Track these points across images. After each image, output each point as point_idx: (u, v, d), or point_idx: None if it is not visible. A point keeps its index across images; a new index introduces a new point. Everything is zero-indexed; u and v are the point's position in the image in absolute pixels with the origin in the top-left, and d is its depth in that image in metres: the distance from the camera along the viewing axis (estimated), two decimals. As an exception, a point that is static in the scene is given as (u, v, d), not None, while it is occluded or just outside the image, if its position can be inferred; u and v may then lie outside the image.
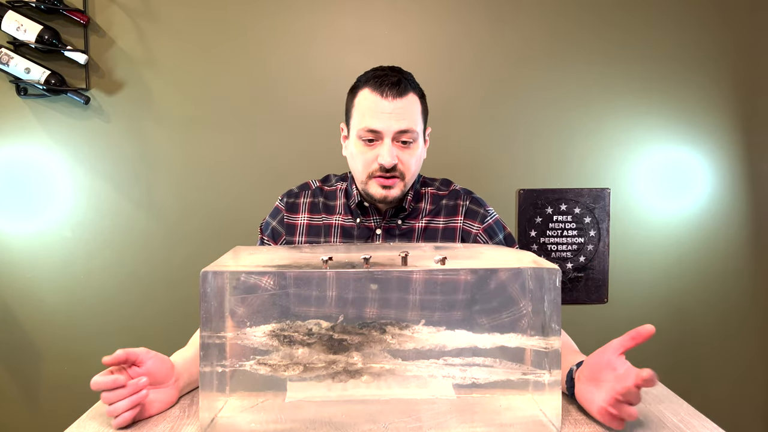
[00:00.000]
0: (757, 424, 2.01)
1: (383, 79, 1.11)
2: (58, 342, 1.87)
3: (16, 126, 1.82)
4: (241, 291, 0.84)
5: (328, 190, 1.26)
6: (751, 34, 1.92)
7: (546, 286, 0.79)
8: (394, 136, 1.10)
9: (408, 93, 1.11)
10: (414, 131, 1.11)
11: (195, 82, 1.85)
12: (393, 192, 1.12)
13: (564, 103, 1.91)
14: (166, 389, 0.89)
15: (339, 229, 1.21)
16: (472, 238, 1.19)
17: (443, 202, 1.22)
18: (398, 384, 0.81)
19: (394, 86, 1.09)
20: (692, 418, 0.84)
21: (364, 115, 1.11)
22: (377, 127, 1.09)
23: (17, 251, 1.84)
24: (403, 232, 1.19)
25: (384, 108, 1.09)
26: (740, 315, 1.98)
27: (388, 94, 1.09)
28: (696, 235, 1.96)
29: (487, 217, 1.21)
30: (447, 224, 1.20)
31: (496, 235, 1.21)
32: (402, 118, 1.09)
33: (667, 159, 1.94)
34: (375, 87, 1.10)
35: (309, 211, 1.23)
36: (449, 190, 1.24)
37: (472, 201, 1.22)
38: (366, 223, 1.20)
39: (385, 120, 1.09)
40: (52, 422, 1.87)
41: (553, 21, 1.90)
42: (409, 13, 1.88)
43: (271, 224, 1.25)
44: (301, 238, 1.22)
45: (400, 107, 1.09)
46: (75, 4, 1.79)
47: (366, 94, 1.12)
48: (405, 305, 0.83)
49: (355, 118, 1.14)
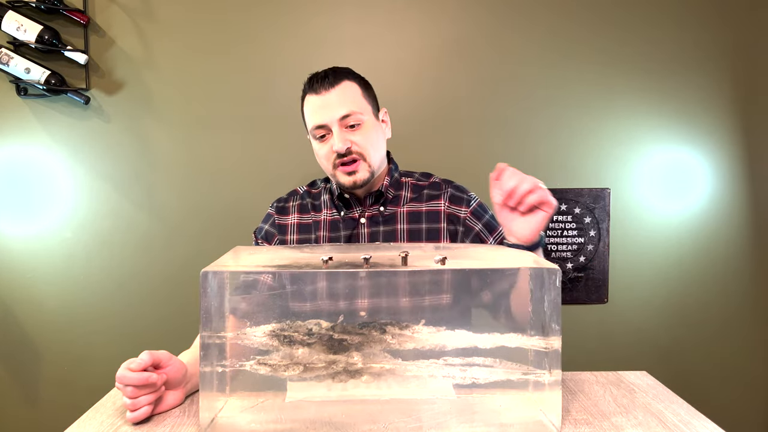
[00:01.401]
0: (758, 424, 2.01)
1: (313, 79, 1.20)
2: (58, 342, 1.87)
3: (16, 126, 1.82)
4: (241, 291, 0.84)
5: (314, 192, 1.34)
6: (751, 34, 1.92)
7: (546, 286, 0.79)
8: (340, 122, 1.16)
9: (340, 82, 1.18)
10: (356, 113, 1.17)
11: (195, 82, 1.85)
12: (359, 175, 1.18)
13: (564, 103, 1.91)
14: (177, 391, 0.92)
15: (327, 223, 1.27)
16: (462, 222, 1.24)
17: (425, 191, 1.28)
18: (398, 384, 0.81)
19: (323, 80, 1.18)
20: (692, 418, 0.84)
21: (309, 117, 1.20)
22: (319, 121, 1.17)
23: (17, 251, 1.85)
24: (386, 218, 1.25)
25: (321, 102, 1.17)
26: (740, 315, 1.98)
27: (319, 88, 1.18)
28: (696, 235, 1.96)
29: (471, 201, 1.27)
30: (430, 207, 1.25)
31: (483, 215, 1.26)
32: (340, 105, 1.16)
33: (668, 159, 1.94)
34: (309, 88, 1.20)
35: (298, 211, 1.31)
36: (429, 181, 1.30)
37: (454, 188, 1.28)
38: (350, 214, 1.26)
39: (324, 112, 1.17)
40: (52, 422, 1.87)
41: (553, 21, 1.90)
42: (408, 14, 1.88)
43: (264, 228, 1.32)
44: (293, 236, 1.28)
45: (333, 96, 1.17)
46: (75, 4, 1.79)
47: (307, 99, 1.21)
48: (405, 305, 0.83)
49: (307, 123, 1.23)
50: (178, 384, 0.92)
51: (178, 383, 0.91)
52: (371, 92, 1.25)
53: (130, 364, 0.84)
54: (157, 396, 0.86)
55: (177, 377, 0.90)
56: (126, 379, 0.83)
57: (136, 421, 0.84)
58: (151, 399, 0.85)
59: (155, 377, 0.84)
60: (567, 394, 0.92)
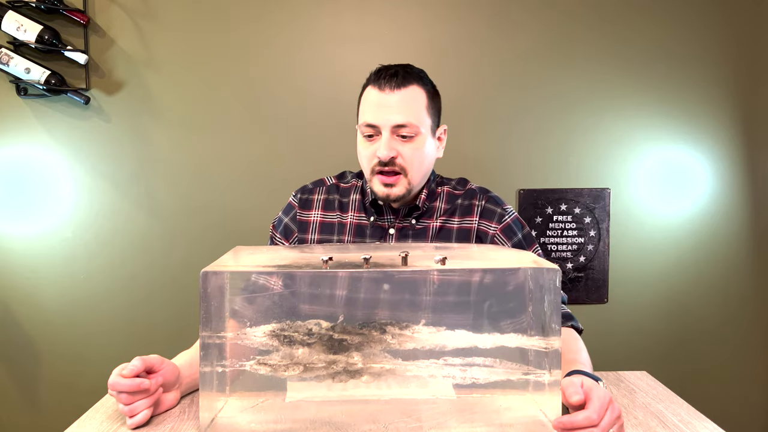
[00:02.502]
0: (757, 425, 2.01)
1: (382, 72, 1.09)
2: (58, 342, 1.87)
3: (16, 126, 1.82)
4: (241, 291, 0.84)
5: (343, 187, 1.22)
6: (751, 34, 1.92)
7: (546, 286, 0.78)
8: (393, 129, 1.06)
9: (409, 85, 1.08)
10: (413, 125, 1.07)
11: (195, 82, 1.85)
12: (395, 190, 1.09)
13: (564, 103, 1.91)
14: (171, 393, 0.92)
15: (353, 227, 1.17)
16: (489, 239, 1.15)
17: (458, 201, 1.18)
18: (398, 384, 0.81)
19: (392, 78, 1.07)
20: (692, 418, 0.84)
21: (364, 111, 1.10)
22: (373, 120, 1.07)
23: (17, 252, 1.84)
24: (417, 232, 1.15)
25: (380, 101, 1.07)
26: (740, 315, 1.98)
27: (385, 86, 1.07)
28: (696, 235, 1.96)
29: (504, 216, 1.17)
30: (461, 224, 1.16)
31: (515, 234, 1.17)
32: (399, 111, 1.06)
33: (667, 159, 1.94)
34: (374, 81, 1.09)
35: (323, 208, 1.20)
36: (465, 189, 1.20)
37: (488, 200, 1.18)
38: (379, 222, 1.16)
39: (382, 113, 1.06)
40: (52, 422, 1.87)
41: (553, 21, 1.90)
42: (409, 12, 1.88)
43: (284, 221, 1.21)
44: (313, 235, 1.19)
45: (397, 100, 1.06)
46: (75, 4, 1.79)
47: (368, 90, 1.11)
48: (405, 305, 0.83)
49: (360, 115, 1.12)
50: (172, 385, 0.91)
51: (172, 385, 0.91)
52: (437, 104, 1.14)
53: (122, 371, 0.83)
54: (155, 399, 0.86)
55: (171, 379, 0.90)
56: (118, 386, 0.82)
57: (136, 426, 0.84)
58: (149, 403, 0.85)
59: (147, 383, 0.83)
60: (567, 394, 0.92)
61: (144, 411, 0.84)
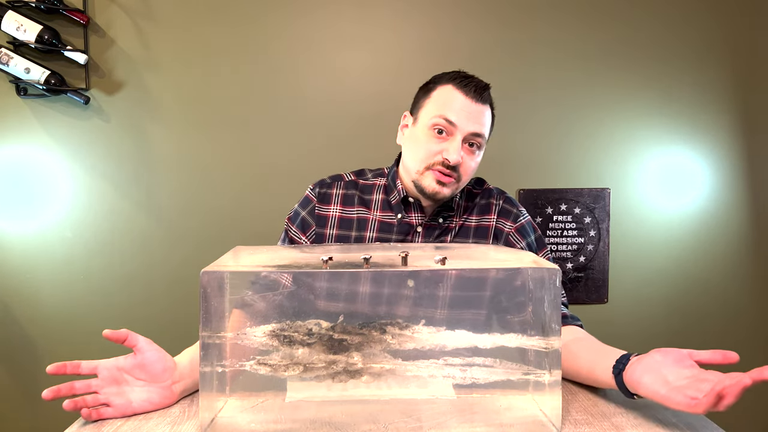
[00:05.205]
0: (757, 424, 2.01)
1: (470, 80, 1.13)
2: (58, 342, 1.87)
3: (16, 126, 1.82)
4: (241, 291, 0.84)
5: (363, 183, 1.22)
6: (751, 34, 1.92)
7: (546, 286, 0.78)
8: (466, 136, 1.10)
9: (487, 102, 1.14)
10: (483, 138, 1.13)
11: (195, 82, 1.85)
12: (446, 190, 1.11)
13: (564, 103, 1.91)
14: (160, 389, 0.88)
15: (377, 224, 1.18)
16: (504, 236, 1.19)
17: (477, 200, 1.23)
18: (398, 384, 0.81)
19: (481, 90, 1.12)
20: (692, 418, 0.84)
21: (444, 106, 1.11)
22: (455, 119, 1.09)
23: (17, 251, 1.84)
24: (442, 230, 1.19)
25: (465, 106, 1.10)
26: (740, 315, 1.98)
27: (472, 96, 1.11)
28: (696, 234, 1.96)
29: (519, 217, 1.22)
30: (480, 222, 1.20)
31: (528, 235, 1.21)
32: (478, 122, 1.11)
33: (667, 159, 1.94)
34: (460, 85, 1.11)
35: (341, 203, 1.20)
36: (483, 188, 1.25)
37: (505, 200, 1.23)
38: (407, 219, 1.18)
39: (464, 117, 1.09)
40: (52, 422, 1.87)
41: (553, 21, 1.90)
42: (408, 13, 1.88)
43: (301, 214, 1.20)
44: (332, 230, 1.19)
45: (479, 111, 1.11)
46: (75, 4, 1.79)
47: (449, 89, 1.12)
48: (405, 305, 0.83)
49: (430, 107, 1.13)
50: (159, 378, 0.88)
51: (158, 377, 0.88)
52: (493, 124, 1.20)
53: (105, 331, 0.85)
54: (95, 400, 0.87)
55: (154, 368, 0.88)
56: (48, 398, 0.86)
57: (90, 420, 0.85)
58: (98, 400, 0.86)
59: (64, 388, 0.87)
60: (567, 394, 0.92)
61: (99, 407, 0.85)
